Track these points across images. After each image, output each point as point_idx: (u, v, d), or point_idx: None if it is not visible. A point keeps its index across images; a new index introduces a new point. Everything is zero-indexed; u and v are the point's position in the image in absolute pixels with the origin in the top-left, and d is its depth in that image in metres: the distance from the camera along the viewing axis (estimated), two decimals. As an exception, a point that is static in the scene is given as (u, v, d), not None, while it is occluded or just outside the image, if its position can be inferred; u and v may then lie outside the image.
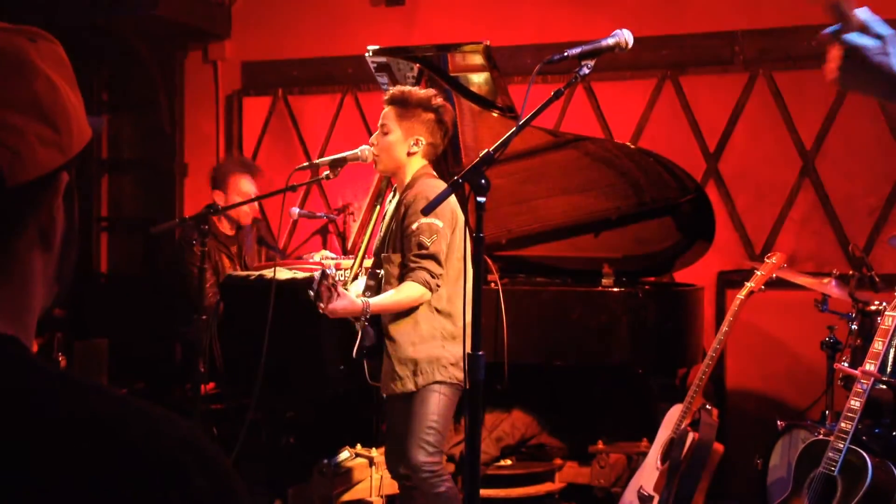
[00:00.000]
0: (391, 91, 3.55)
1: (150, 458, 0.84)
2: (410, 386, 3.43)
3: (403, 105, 3.48)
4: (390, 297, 3.39)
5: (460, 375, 3.43)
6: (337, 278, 3.30)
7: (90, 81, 6.39)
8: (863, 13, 1.43)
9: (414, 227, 3.36)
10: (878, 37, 1.43)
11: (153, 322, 5.55)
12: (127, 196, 6.62)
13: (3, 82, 0.89)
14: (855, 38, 1.42)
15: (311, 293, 3.20)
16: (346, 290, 3.37)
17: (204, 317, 3.84)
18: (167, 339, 5.21)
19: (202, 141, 6.37)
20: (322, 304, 3.22)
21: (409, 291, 3.37)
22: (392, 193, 3.69)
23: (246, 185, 5.06)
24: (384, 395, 3.59)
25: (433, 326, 3.44)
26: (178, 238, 5.23)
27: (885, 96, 1.48)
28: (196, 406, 3.72)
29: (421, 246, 3.36)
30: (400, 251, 3.44)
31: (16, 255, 0.93)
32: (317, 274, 3.23)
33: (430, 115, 3.49)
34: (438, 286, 3.40)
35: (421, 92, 3.54)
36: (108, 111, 6.54)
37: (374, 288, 3.51)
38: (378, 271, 3.55)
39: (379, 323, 3.47)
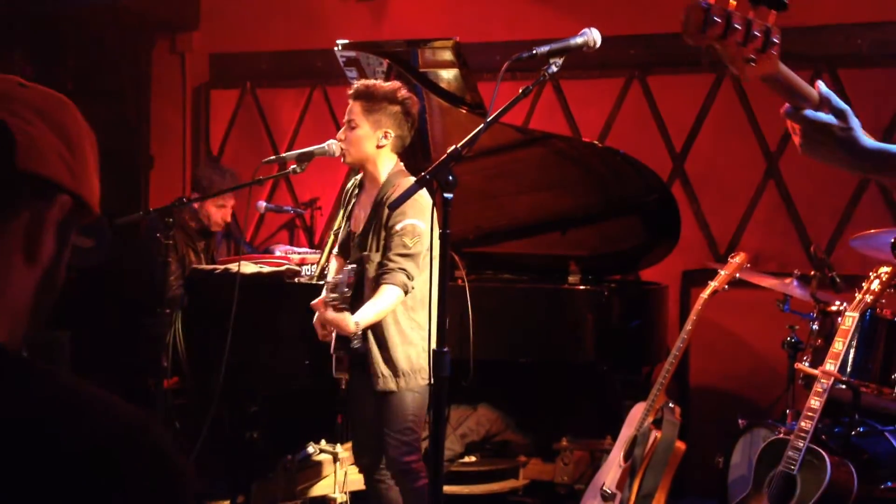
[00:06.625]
0: (356, 86, 3.54)
1: (79, 451, 0.84)
2: (392, 386, 3.44)
3: (369, 99, 3.47)
4: (375, 309, 3.38)
5: None
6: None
7: (55, 71, 6.31)
8: (822, 87, 1.47)
9: (398, 227, 3.36)
10: (839, 112, 1.46)
11: (116, 315, 5.49)
12: (92, 187, 6.53)
13: (42, 104, 1.04)
14: (817, 115, 1.45)
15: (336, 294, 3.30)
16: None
17: (168, 310, 3.81)
18: (130, 333, 5.16)
19: (169, 133, 6.31)
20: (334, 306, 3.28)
21: (387, 298, 3.37)
22: (359, 187, 3.67)
23: (231, 201, 5.06)
24: (343, 386, 3.59)
25: (411, 327, 3.46)
26: (143, 230, 5.19)
27: (849, 167, 1.52)
28: (159, 400, 3.69)
29: (403, 246, 3.36)
30: (381, 249, 3.43)
31: (0, 249, 0.97)
32: (342, 277, 3.31)
33: (397, 108, 3.48)
34: (413, 287, 3.41)
35: (386, 85, 3.53)
36: (74, 101, 6.45)
37: (353, 286, 3.50)
38: (352, 266, 3.53)
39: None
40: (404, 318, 3.44)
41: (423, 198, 3.32)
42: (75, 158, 1.03)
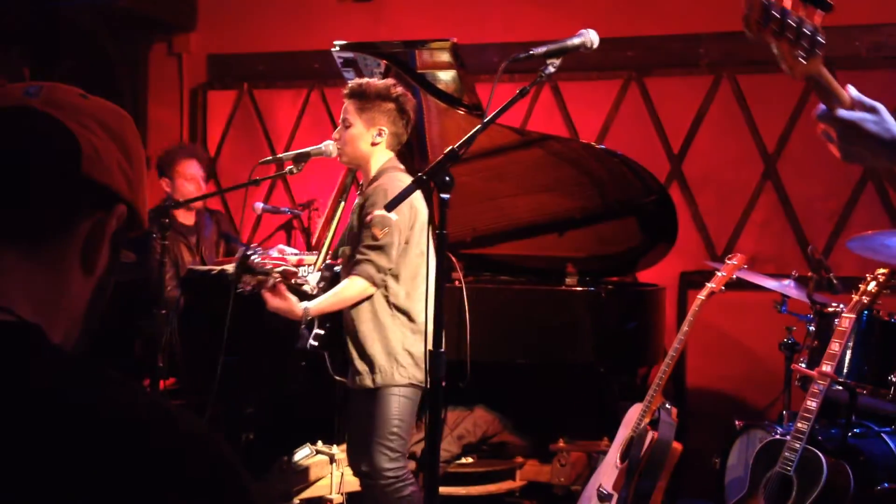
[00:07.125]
0: (349, 85, 3.53)
1: (152, 445, 0.89)
2: (368, 383, 3.41)
3: (362, 97, 3.47)
4: (330, 298, 3.38)
5: (420, 375, 3.42)
6: (258, 257, 3.28)
7: (52, 71, 6.30)
8: (852, 91, 1.48)
9: (368, 218, 3.36)
10: (871, 108, 1.47)
11: (112, 315, 5.48)
12: (88, 188, 6.52)
13: (104, 116, 1.08)
14: (850, 113, 1.46)
15: (233, 275, 3.23)
16: (300, 277, 3.36)
17: (164, 310, 3.80)
18: (126, 333, 5.14)
19: (166, 134, 6.29)
20: (242, 288, 3.23)
21: (349, 289, 3.36)
22: (360, 189, 3.67)
23: (193, 169, 5.03)
24: (344, 388, 3.59)
25: (392, 324, 3.43)
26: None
27: (891, 161, 1.52)
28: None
29: (372, 238, 3.35)
30: (352, 242, 3.44)
31: (62, 256, 1.01)
32: (239, 253, 3.24)
33: (391, 105, 3.47)
34: (385, 280, 3.39)
35: (379, 83, 3.52)
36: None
37: (329, 279, 3.51)
38: (333, 264, 3.55)
39: (328, 319, 3.46)
40: (385, 313, 3.41)
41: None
42: (133, 170, 1.07)
